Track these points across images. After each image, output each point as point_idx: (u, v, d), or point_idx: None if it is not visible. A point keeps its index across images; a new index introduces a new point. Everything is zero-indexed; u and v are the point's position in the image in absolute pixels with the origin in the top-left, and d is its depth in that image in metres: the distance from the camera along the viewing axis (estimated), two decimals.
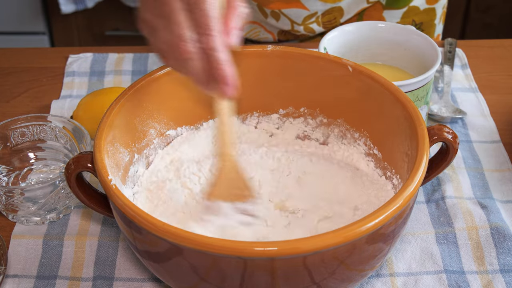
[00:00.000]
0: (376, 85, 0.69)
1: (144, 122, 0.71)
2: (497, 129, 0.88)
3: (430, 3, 1.03)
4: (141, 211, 0.56)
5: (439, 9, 1.05)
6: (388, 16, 1.03)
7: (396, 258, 0.71)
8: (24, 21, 2.02)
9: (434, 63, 0.77)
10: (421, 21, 1.04)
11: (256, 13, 1.00)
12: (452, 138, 0.66)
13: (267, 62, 0.74)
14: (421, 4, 1.02)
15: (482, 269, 0.70)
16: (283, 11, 0.97)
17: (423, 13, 1.03)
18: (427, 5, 1.03)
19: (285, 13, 0.98)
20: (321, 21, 1.00)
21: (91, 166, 0.63)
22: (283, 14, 0.98)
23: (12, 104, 0.93)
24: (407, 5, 1.02)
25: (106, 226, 0.74)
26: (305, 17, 0.99)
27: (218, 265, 0.55)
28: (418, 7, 1.03)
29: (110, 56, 1.00)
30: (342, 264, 0.57)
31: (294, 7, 0.97)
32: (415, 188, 0.58)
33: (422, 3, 1.03)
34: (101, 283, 0.68)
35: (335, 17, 1.00)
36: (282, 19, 0.99)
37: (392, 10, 1.02)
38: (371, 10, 1.02)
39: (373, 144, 0.73)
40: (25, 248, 0.72)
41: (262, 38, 1.04)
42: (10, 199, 0.72)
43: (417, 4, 1.02)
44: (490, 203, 0.76)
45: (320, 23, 1.00)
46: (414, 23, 1.04)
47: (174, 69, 0.60)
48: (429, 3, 1.03)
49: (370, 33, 0.84)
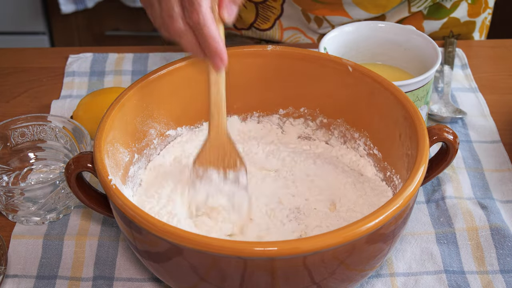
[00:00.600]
0: (376, 85, 0.69)
1: (144, 122, 0.71)
2: (497, 129, 0.88)
3: (472, 16, 1.02)
4: (141, 211, 0.56)
5: (479, 22, 1.04)
6: (427, 26, 1.02)
7: (396, 258, 0.71)
8: (24, 21, 2.02)
9: (434, 63, 0.77)
10: (459, 33, 1.04)
11: (298, 18, 1.00)
12: (452, 138, 0.66)
13: (267, 62, 0.74)
14: (462, 16, 1.01)
15: (482, 270, 0.70)
16: (327, 17, 0.98)
17: (462, 25, 1.02)
18: (468, 18, 1.02)
19: (329, 19, 0.98)
20: None
21: (91, 166, 0.63)
22: (327, 20, 0.98)
23: (12, 104, 0.93)
24: (448, 16, 1.01)
25: (106, 226, 0.74)
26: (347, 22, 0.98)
27: (218, 265, 0.55)
28: (459, 19, 1.02)
29: (110, 56, 1.00)
30: (342, 264, 0.57)
31: (338, 14, 0.97)
32: (415, 188, 0.58)
33: (464, 15, 1.02)
34: (101, 283, 0.68)
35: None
36: (324, 24, 0.99)
37: (432, 20, 1.01)
38: (411, 19, 1.01)
39: (373, 144, 0.73)
40: (25, 248, 0.72)
41: (302, 44, 1.04)
42: (10, 199, 0.72)
43: (458, 16, 1.01)
44: (490, 203, 0.76)
45: None
46: (451, 33, 1.03)
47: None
48: (470, 16, 1.02)
49: (370, 33, 0.84)
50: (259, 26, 1.00)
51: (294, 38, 1.03)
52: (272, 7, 0.99)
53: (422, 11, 1.00)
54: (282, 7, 0.99)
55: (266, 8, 1.00)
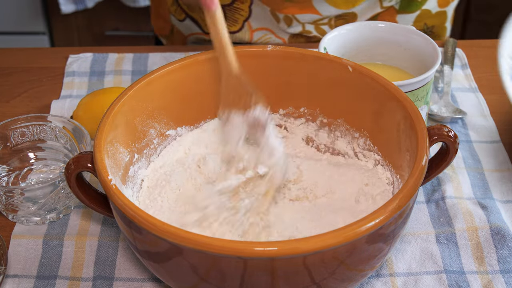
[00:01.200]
0: (376, 85, 0.69)
1: (144, 122, 0.71)
2: (497, 129, 0.88)
3: (442, 6, 1.03)
4: (141, 211, 0.56)
5: (450, 11, 1.05)
6: (401, 20, 1.02)
7: (396, 258, 0.71)
8: (24, 21, 2.02)
9: (434, 63, 0.77)
10: (433, 24, 1.04)
11: (267, 19, 1.00)
12: (452, 138, 0.66)
13: (267, 62, 0.74)
14: (433, 8, 1.02)
15: (482, 270, 0.70)
16: (296, 16, 0.98)
17: (435, 16, 1.03)
18: (439, 8, 1.03)
19: (298, 18, 0.98)
20: (334, 24, 1.00)
21: (91, 166, 0.63)
22: (296, 19, 0.98)
23: (12, 104, 0.93)
24: (420, 9, 1.01)
25: (106, 226, 0.74)
26: (317, 19, 0.99)
27: (218, 265, 0.55)
28: (430, 10, 1.02)
29: (110, 56, 1.00)
30: (342, 264, 0.57)
31: (307, 12, 0.97)
32: (415, 188, 0.58)
33: (434, 6, 1.02)
34: (101, 283, 0.68)
35: (348, 22, 1.00)
36: (294, 24, 0.99)
37: (405, 14, 1.02)
38: (385, 14, 1.02)
39: (373, 144, 0.73)
40: (25, 248, 0.72)
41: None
42: (10, 199, 0.72)
43: (429, 8, 1.02)
44: (490, 203, 0.76)
45: (332, 26, 1.00)
46: (426, 26, 1.03)
47: None
48: (441, 6, 1.03)
49: (370, 33, 0.84)
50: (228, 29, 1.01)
51: (264, 39, 1.03)
52: (240, 9, 0.99)
53: (394, 6, 1.01)
54: (250, 8, 0.99)
55: (234, 10, 1.00)
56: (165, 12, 1.10)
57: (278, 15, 0.98)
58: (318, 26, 1.00)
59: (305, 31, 1.01)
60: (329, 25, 1.00)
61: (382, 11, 1.01)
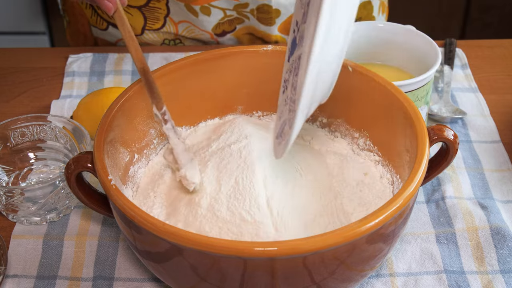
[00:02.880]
0: (376, 85, 0.69)
1: (144, 122, 0.71)
2: (497, 129, 0.88)
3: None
4: (141, 211, 0.56)
5: (375, 1, 1.05)
6: None
7: (396, 258, 0.71)
8: (24, 21, 2.02)
9: (434, 63, 0.77)
10: (360, 16, 1.04)
11: (185, 14, 0.99)
12: (452, 138, 0.66)
13: (267, 62, 0.74)
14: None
15: (482, 270, 0.70)
16: (213, 4, 0.96)
17: (360, 7, 1.03)
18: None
19: (215, 5, 0.96)
20: (256, 15, 0.99)
21: (91, 166, 0.63)
22: (213, 6, 0.97)
23: (12, 104, 0.93)
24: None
25: (106, 226, 0.74)
26: (236, 5, 0.97)
27: (218, 265, 0.55)
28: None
29: (110, 56, 1.00)
30: (342, 264, 0.57)
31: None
32: (415, 188, 0.58)
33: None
34: (101, 283, 0.68)
35: (271, 17, 1.00)
36: (213, 12, 0.97)
37: None
38: None
39: (373, 144, 0.73)
40: (25, 248, 0.72)
41: (198, 35, 1.02)
42: (10, 199, 0.72)
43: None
44: (490, 203, 0.76)
45: (255, 16, 0.99)
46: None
47: None
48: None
49: (370, 33, 0.84)
50: (151, 27, 1.00)
51: (188, 31, 1.02)
52: (158, 8, 0.99)
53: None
54: (167, 6, 0.99)
55: (152, 10, 0.99)
56: (85, 27, 1.09)
57: (194, 8, 0.97)
58: (240, 12, 0.99)
59: (227, 15, 0.99)
60: (251, 13, 0.98)
61: None
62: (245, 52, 0.74)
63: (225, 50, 0.74)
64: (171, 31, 1.02)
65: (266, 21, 1.00)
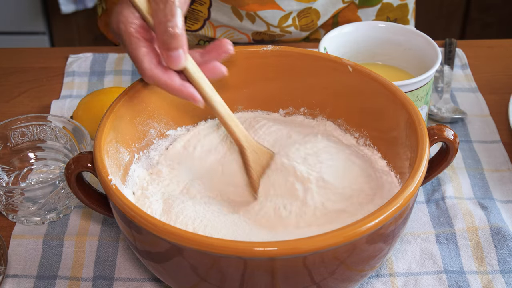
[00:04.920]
0: (376, 85, 0.69)
1: (144, 122, 0.71)
2: (497, 129, 0.88)
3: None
4: (141, 211, 0.56)
5: (410, 4, 1.05)
6: (362, 14, 1.02)
7: (396, 258, 0.71)
8: (24, 21, 2.02)
9: (434, 63, 0.77)
10: (395, 17, 1.04)
11: (230, 18, 0.99)
12: (452, 138, 0.66)
13: (267, 62, 0.74)
14: (394, 1, 1.02)
15: (482, 270, 0.70)
16: (258, 13, 0.97)
17: (396, 9, 1.03)
18: (399, 1, 1.03)
19: (260, 15, 0.97)
20: (298, 24, 0.99)
21: (91, 166, 0.63)
22: (258, 16, 0.97)
23: (12, 104, 0.93)
24: (381, 2, 1.01)
25: (106, 226, 0.74)
26: (281, 18, 0.98)
27: (218, 265, 0.55)
28: (392, 4, 1.02)
29: (110, 56, 1.00)
30: (342, 264, 0.57)
31: (269, 8, 0.96)
32: (415, 188, 0.58)
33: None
34: (101, 283, 0.68)
35: (312, 20, 1.00)
36: (257, 21, 0.98)
37: (366, 8, 1.02)
38: (346, 11, 1.02)
39: (373, 144, 0.73)
40: (25, 248, 0.72)
41: (236, 39, 1.03)
42: (10, 199, 0.72)
43: (390, 1, 1.02)
44: (490, 203, 0.76)
45: (297, 27, 1.00)
46: (388, 19, 1.03)
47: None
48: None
49: (370, 33, 0.84)
50: (190, 27, 0.99)
51: (227, 35, 1.02)
52: (199, 11, 0.99)
53: (354, 1, 1.01)
54: (209, 10, 0.99)
55: (193, 12, 1.00)
56: None
57: (241, 12, 0.97)
58: (284, 29, 1.00)
59: (270, 31, 1.00)
60: (294, 26, 0.99)
61: (343, 6, 1.00)
62: (245, 52, 0.74)
63: None
64: (208, 34, 1.02)
65: (308, 28, 1.01)
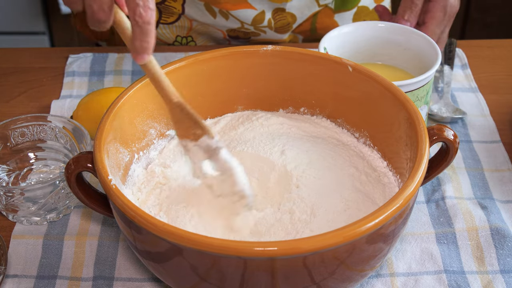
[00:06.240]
0: (376, 85, 0.69)
1: (144, 122, 0.71)
2: (497, 129, 0.88)
3: (378, 1, 1.03)
4: (141, 211, 0.56)
5: (387, 5, 1.05)
6: (339, 19, 1.02)
7: (396, 258, 0.71)
8: (24, 21, 2.02)
9: (434, 63, 0.77)
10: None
11: (203, 14, 0.99)
12: (452, 138, 0.66)
13: (267, 62, 0.74)
14: (370, 4, 1.02)
15: (482, 270, 0.70)
16: (231, 12, 0.97)
17: (372, 12, 1.03)
18: (375, 3, 1.02)
19: (234, 14, 0.97)
20: (274, 26, 0.99)
21: (91, 166, 0.63)
22: (232, 15, 0.97)
23: (12, 104, 0.93)
24: (356, 6, 1.01)
25: (106, 226, 0.74)
26: (256, 18, 0.97)
27: (218, 265, 0.55)
28: (367, 7, 1.02)
29: (110, 56, 1.00)
30: (342, 264, 0.57)
31: (242, 8, 0.96)
32: (415, 188, 0.58)
33: (371, 2, 1.02)
34: (101, 283, 0.68)
35: (289, 23, 1.00)
36: (230, 19, 0.98)
37: (342, 12, 1.02)
38: (323, 16, 1.01)
39: (373, 144, 0.73)
40: (25, 248, 0.72)
41: (212, 32, 1.02)
42: (10, 199, 0.72)
43: (366, 4, 1.02)
44: (490, 203, 0.76)
45: (272, 28, 1.00)
46: None
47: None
48: (377, 1, 1.03)
49: (370, 33, 0.84)
50: (166, 20, 0.99)
51: (203, 25, 1.02)
52: (172, 7, 0.99)
53: (329, 5, 1.01)
54: (183, 6, 0.99)
55: (167, 8, 1.00)
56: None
57: (214, 9, 0.97)
58: (258, 28, 0.99)
59: (244, 28, 1.00)
60: (269, 27, 0.99)
61: (319, 10, 1.00)
62: (245, 52, 0.74)
63: (225, 50, 0.74)
64: (185, 25, 1.02)
65: (283, 30, 1.00)
